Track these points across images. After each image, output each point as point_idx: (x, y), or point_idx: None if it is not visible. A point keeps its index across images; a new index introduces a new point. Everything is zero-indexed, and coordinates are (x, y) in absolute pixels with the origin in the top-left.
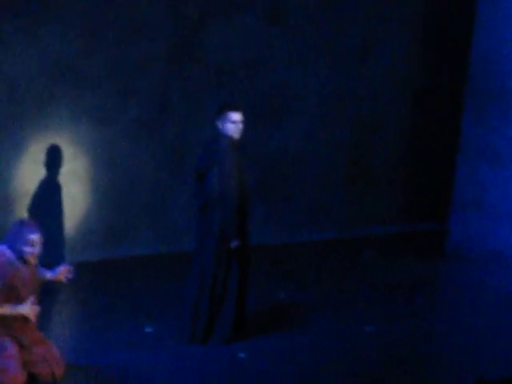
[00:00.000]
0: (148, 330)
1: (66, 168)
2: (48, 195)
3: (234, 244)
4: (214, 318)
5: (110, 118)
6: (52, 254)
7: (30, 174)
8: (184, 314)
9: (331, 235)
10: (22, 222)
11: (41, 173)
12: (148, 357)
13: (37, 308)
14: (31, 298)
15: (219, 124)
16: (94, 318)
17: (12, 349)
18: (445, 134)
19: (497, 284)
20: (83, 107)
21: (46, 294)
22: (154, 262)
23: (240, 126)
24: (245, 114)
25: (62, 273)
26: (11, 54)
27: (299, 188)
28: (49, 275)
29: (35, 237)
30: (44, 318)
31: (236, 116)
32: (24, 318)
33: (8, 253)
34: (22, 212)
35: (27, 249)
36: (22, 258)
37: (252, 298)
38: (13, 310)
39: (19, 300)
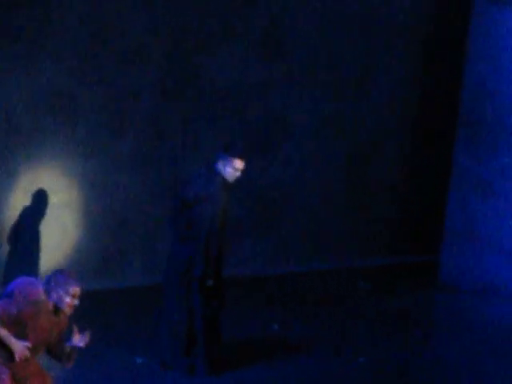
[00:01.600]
0: (139, 361)
1: (58, 198)
2: (40, 225)
3: (209, 283)
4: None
5: (103, 148)
6: None
7: (22, 203)
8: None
9: (325, 266)
10: (65, 272)
11: (34, 203)
12: None
13: (27, 353)
14: (29, 343)
15: (220, 163)
16: (86, 348)
17: (7, 380)
18: (442, 163)
19: (489, 315)
20: (77, 136)
21: None
22: (146, 292)
23: (239, 174)
24: (243, 140)
25: (76, 339)
26: (6, 81)
27: (293, 218)
28: (67, 347)
29: (78, 289)
30: None
31: (240, 164)
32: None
33: (42, 294)
34: (14, 241)
35: (68, 299)
36: (55, 306)
37: (244, 329)
38: (6, 337)
39: (21, 337)
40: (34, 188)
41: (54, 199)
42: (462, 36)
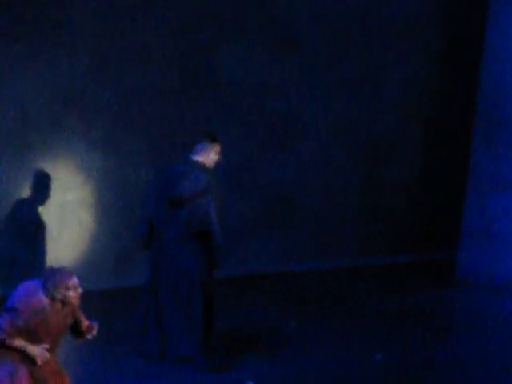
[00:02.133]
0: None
1: (74, 195)
2: (57, 222)
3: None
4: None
5: (119, 146)
6: None
7: (39, 201)
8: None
9: (341, 264)
10: (55, 270)
11: (50, 200)
12: None
13: (47, 355)
14: (47, 345)
15: (202, 151)
16: (104, 346)
17: (24, 380)
18: (456, 163)
19: (506, 312)
20: (93, 133)
21: None
22: None
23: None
24: (256, 139)
25: (87, 328)
26: (22, 79)
27: (308, 216)
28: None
29: (75, 279)
30: None
31: (219, 148)
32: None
33: (44, 300)
34: (31, 239)
35: (71, 293)
36: (63, 301)
37: (261, 325)
38: (23, 346)
39: (37, 343)
40: (51, 185)
41: (70, 196)
42: (478, 35)
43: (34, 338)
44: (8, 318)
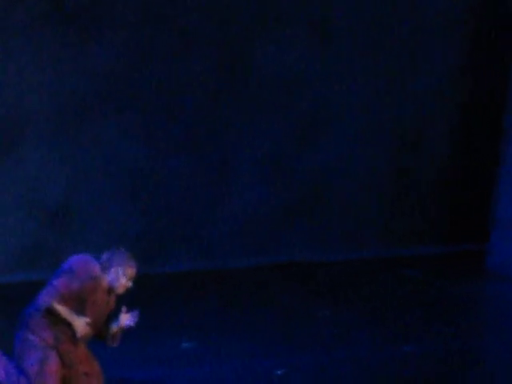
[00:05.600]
0: (185, 345)
1: (109, 183)
2: (90, 210)
3: None
4: None
5: (156, 134)
6: None
7: (73, 187)
8: None
9: (371, 254)
10: (124, 252)
11: (84, 186)
12: (184, 373)
13: (88, 330)
14: (89, 319)
15: None
16: (132, 332)
17: (54, 365)
18: (487, 152)
19: None
20: (130, 122)
21: None
22: (192, 278)
23: None
24: (288, 130)
25: (125, 318)
26: (61, 69)
27: (340, 205)
28: (114, 327)
29: (135, 271)
30: None
31: None
32: (72, 335)
33: (99, 270)
34: (64, 226)
35: (123, 279)
36: (109, 286)
37: (292, 314)
38: (68, 315)
39: (80, 314)
40: (85, 173)
41: (103, 184)
42: None
43: (80, 309)
44: (65, 278)
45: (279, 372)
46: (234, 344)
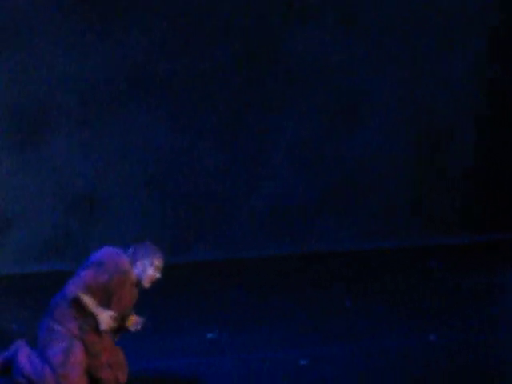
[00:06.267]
0: (210, 336)
1: (132, 171)
2: (116, 200)
3: None
4: None
5: (187, 124)
6: None
7: (99, 177)
8: None
9: (400, 243)
10: (151, 244)
11: (110, 176)
12: (209, 362)
13: (112, 323)
14: (115, 313)
15: None
16: (157, 322)
17: (79, 355)
18: None
19: None
20: (160, 112)
21: None
22: (218, 267)
23: None
24: (322, 117)
25: (132, 322)
26: (93, 57)
27: (370, 195)
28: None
29: (162, 263)
30: None
31: None
32: (97, 326)
33: (128, 264)
34: (90, 216)
35: (151, 271)
36: (136, 279)
37: (318, 304)
38: (94, 307)
39: (105, 307)
40: (110, 163)
41: (135, 174)
42: None
43: (106, 301)
44: (93, 270)
45: (303, 362)
46: (259, 334)
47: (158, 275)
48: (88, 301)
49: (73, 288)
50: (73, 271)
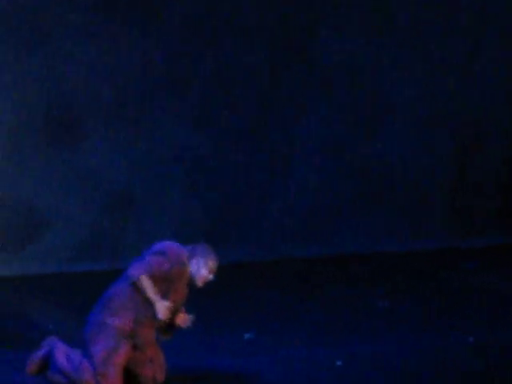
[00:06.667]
0: (247, 336)
1: (165, 171)
2: (150, 199)
3: None
4: None
5: (212, 123)
6: None
7: (134, 176)
8: None
9: (432, 245)
10: (208, 247)
11: (144, 175)
12: (245, 363)
13: (169, 314)
14: (171, 304)
15: None
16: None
17: (122, 356)
18: None
19: None
20: (185, 110)
21: None
22: (251, 268)
23: None
24: (348, 119)
25: (181, 319)
26: (120, 56)
27: (401, 196)
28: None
29: (216, 265)
30: None
31: None
32: (152, 317)
33: (186, 256)
34: (125, 215)
35: (204, 271)
36: (191, 276)
37: (351, 305)
38: (153, 294)
39: (163, 297)
40: (141, 160)
41: (160, 172)
42: None
43: (165, 292)
44: (158, 258)
45: (339, 363)
46: (293, 334)
47: (210, 276)
48: (149, 286)
49: (136, 271)
50: (108, 271)
